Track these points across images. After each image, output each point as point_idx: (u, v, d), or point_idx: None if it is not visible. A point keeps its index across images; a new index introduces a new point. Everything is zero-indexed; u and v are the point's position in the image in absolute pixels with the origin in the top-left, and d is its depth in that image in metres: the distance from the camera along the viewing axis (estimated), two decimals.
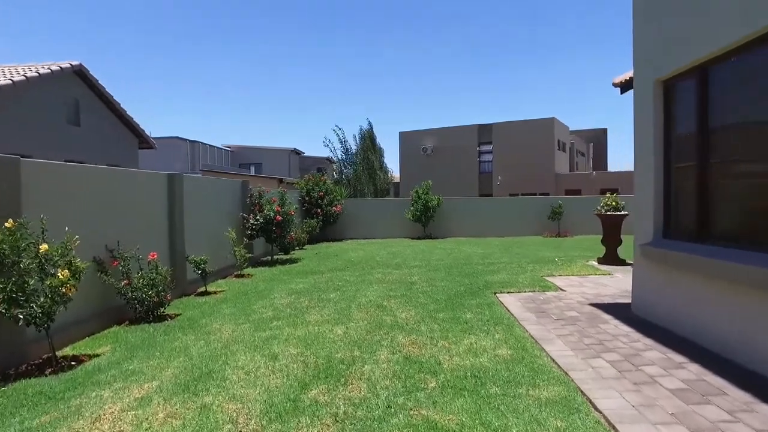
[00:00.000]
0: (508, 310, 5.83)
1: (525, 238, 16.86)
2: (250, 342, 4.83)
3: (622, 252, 9.82)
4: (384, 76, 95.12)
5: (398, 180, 42.78)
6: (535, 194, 28.09)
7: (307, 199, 16.77)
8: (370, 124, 34.91)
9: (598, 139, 39.77)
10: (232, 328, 5.42)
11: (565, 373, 3.74)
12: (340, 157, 30.98)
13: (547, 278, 8.08)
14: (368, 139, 32.57)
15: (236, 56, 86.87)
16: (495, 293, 6.94)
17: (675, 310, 4.70)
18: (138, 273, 5.82)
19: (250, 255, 9.63)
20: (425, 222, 17.40)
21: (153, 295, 5.75)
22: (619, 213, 9.45)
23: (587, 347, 4.36)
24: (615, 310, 5.73)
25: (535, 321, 5.30)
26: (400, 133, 36.99)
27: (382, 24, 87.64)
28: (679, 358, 3.98)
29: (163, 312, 6.16)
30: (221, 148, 37.91)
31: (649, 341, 4.46)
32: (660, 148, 5.00)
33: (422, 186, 17.80)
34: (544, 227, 17.59)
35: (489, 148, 32.69)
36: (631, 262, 9.49)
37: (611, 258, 9.58)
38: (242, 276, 9.27)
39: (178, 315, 6.17)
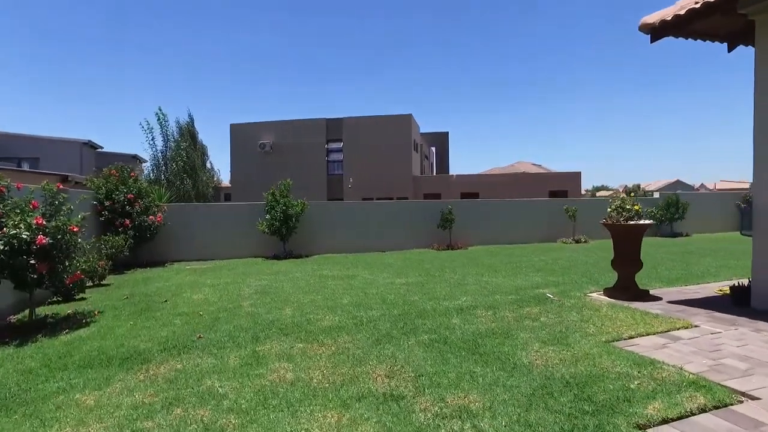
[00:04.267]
0: None
1: (416, 252, 13.71)
2: None
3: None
4: (205, 68, 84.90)
5: (225, 183, 36.57)
6: (391, 198, 25.61)
7: (107, 204, 11.09)
8: (190, 116, 27.73)
9: (440, 143, 39.66)
10: None
11: None
12: (160, 149, 24.02)
13: (621, 347, 4.31)
14: (188, 134, 26.24)
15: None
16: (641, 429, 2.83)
17: None
18: None
19: None
20: (286, 235, 13.09)
21: None
22: (643, 223, 6.42)
23: None
24: None
25: None
26: (232, 126, 30.83)
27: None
28: None
29: None
30: None
31: None
32: None
33: (280, 187, 13.50)
34: (432, 238, 14.72)
35: (339, 146, 29.07)
36: (660, 294, 6.22)
37: (629, 289, 6.36)
38: None
39: None
